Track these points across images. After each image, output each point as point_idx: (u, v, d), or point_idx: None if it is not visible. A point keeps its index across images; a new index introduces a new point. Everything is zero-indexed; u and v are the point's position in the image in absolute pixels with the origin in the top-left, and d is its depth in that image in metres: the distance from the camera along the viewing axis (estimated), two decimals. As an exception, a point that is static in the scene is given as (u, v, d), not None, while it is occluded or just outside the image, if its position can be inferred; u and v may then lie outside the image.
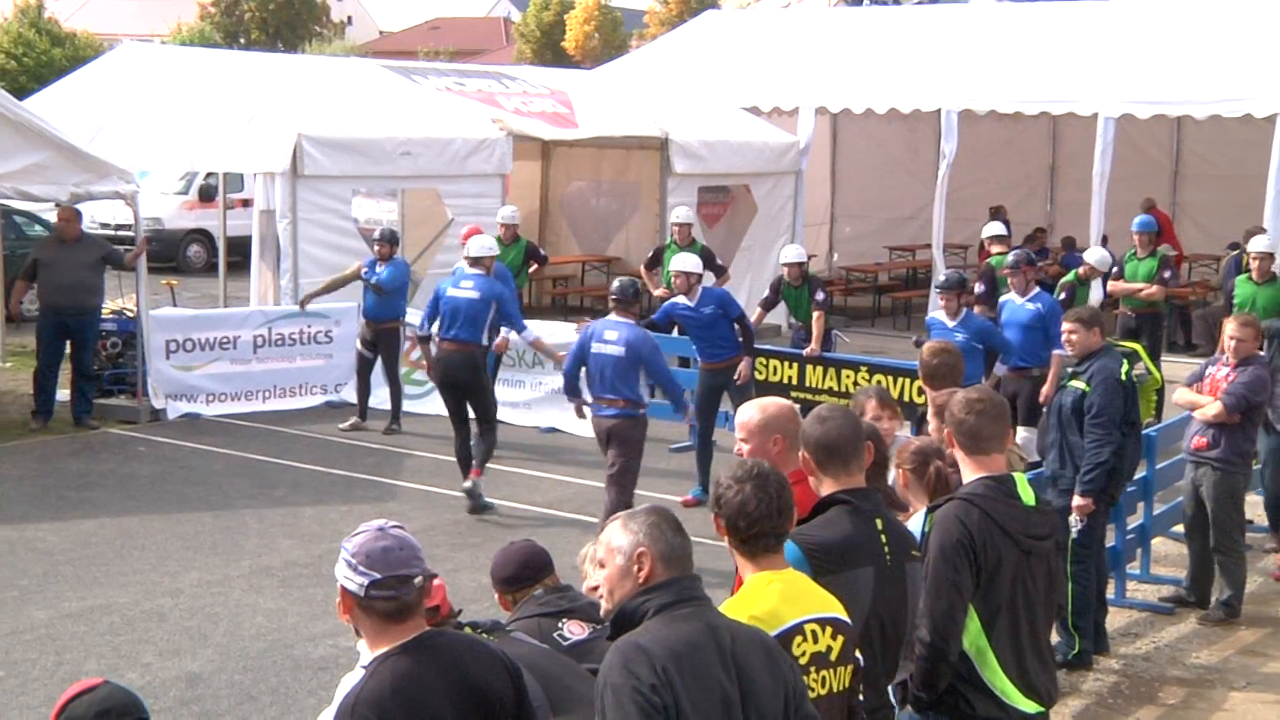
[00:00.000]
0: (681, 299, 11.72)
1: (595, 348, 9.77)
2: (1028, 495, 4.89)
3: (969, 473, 4.94)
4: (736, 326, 11.75)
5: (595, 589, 3.72)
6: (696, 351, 12.02)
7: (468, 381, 11.29)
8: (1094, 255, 14.88)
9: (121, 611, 8.72)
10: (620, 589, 3.64)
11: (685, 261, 11.88)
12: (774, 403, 4.95)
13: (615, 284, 10.11)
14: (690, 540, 3.72)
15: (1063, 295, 13.92)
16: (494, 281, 11.65)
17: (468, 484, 11.06)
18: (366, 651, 3.73)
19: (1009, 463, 6.73)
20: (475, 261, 11.52)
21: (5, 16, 50.78)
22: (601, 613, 3.76)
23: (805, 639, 3.87)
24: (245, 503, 11.30)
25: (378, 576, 3.51)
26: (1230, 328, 9.13)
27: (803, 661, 3.85)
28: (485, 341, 11.55)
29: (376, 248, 13.89)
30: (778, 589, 3.90)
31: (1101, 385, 8.00)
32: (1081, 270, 14.61)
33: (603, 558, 3.70)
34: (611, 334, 9.74)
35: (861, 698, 4.07)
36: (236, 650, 8.12)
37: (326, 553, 9.66)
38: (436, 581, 4.23)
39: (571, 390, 10.26)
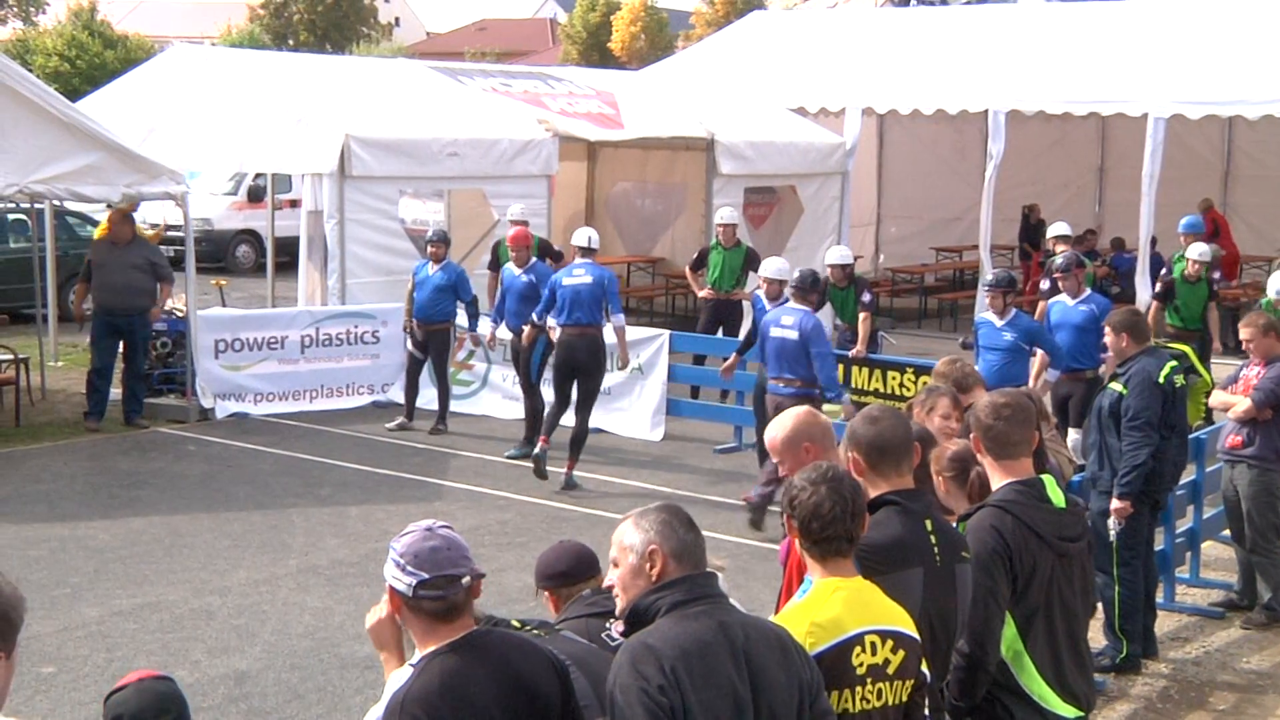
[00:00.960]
0: (763, 300, 11.88)
1: (774, 332, 10.67)
2: (1058, 498, 4.87)
3: (997, 478, 4.92)
4: None
5: (611, 586, 3.72)
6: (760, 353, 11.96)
7: (587, 363, 12.05)
8: (1195, 250, 14.40)
9: (171, 609, 8.80)
10: (633, 587, 3.63)
11: (772, 266, 12.09)
12: (792, 414, 4.93)
13: (796, 274, 11.22)
14: (703, 536, 3.70)
15: (1157, 288, 13.87)
16: (602, 267, 12.46)
17: (538, 451, 11.74)
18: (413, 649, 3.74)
19: (1059, 465, 6.69)
20: (587, 251, 12.40)
21: (59, 19, 51.41)
22: (617, 611, 3.74)
23: (864, 650, 3.85)
24: (292, 502, 11.38)
25: (425, 576, 3.52)
26: (1241, 332, 9.13)
27: (859, 673, 3.83)
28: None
29: (430, 249, 13.94)
30: (842, 597, 3.89)
31: (1138, 387, 7.95)
32: (1190, 269, 14.35)
33: (615, 556, 3.68)
34: (788, 319, 10.68)
35: (927, 711, 4.05)
36: (284, 648, 8.18)
37: (373, 552, 9.72)
38: None
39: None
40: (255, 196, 25.65)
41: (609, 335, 12.29)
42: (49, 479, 11.90)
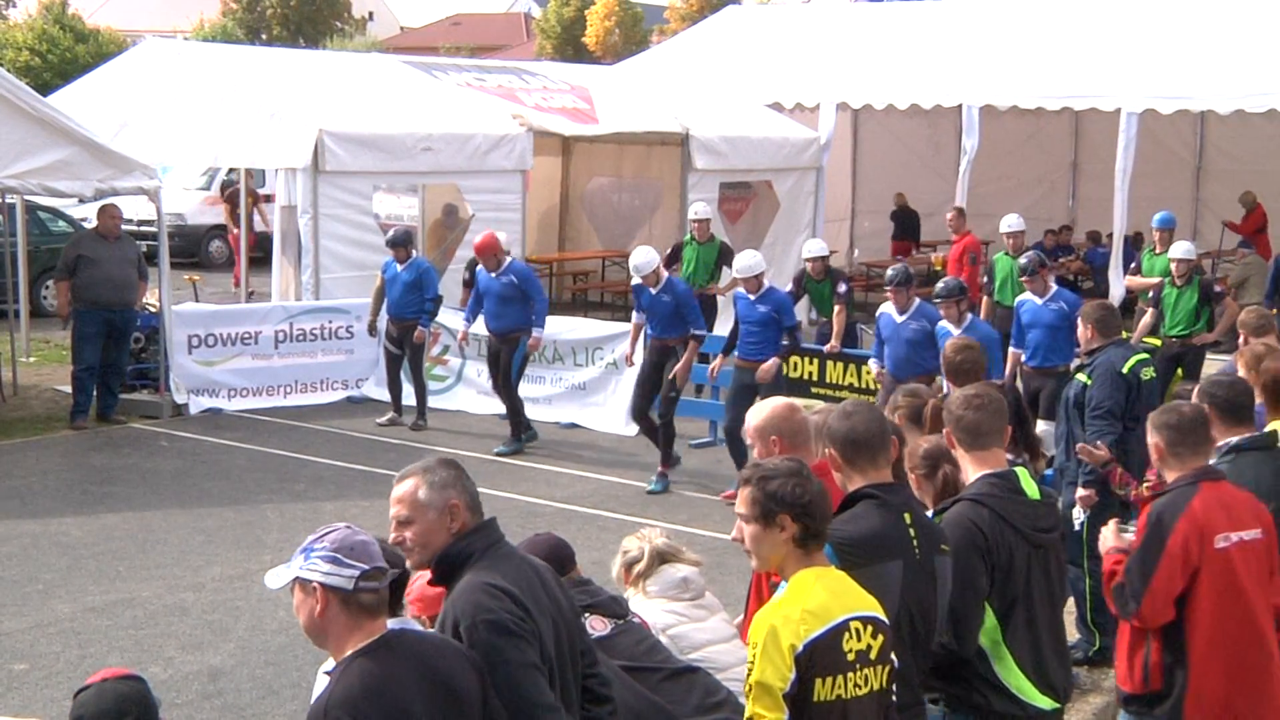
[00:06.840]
0: (741, 290, 11.82)
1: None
2: (1031, 489, 4.90)
3: (971, 470, 4.92)
4: (785, 334, 11.73)
5: (401, 542, 3.95)
6: (739, 347, 11.89)
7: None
8: (1179, 249, 13.37)
9: (144, 605, 8.76)
10: (437, 539, 3.91)
11: (744, 260, 11.89)
12: (768, 405, 5.10)
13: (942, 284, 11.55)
14: None
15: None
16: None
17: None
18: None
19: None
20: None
21: (30, 13, 51.10)
22: (411, 565, 4.02)
23: (852, 636, 3.87)
24: (266, 497, 11.34)
25: (365, 568, 3.56)
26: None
27: (850, 659, 3.85)
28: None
29: (393, 253, 13.78)
30: (825, 584, 3.93)
31: (1101, 377, 7.99)
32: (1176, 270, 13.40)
33: (407, 514, 3.92)
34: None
35: (895, 697, 4.07)
36: (258, 644, 8.15)
37: (348, 547, 9.68)
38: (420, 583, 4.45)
39: None
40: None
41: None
42: (21, 475, 11.83)
